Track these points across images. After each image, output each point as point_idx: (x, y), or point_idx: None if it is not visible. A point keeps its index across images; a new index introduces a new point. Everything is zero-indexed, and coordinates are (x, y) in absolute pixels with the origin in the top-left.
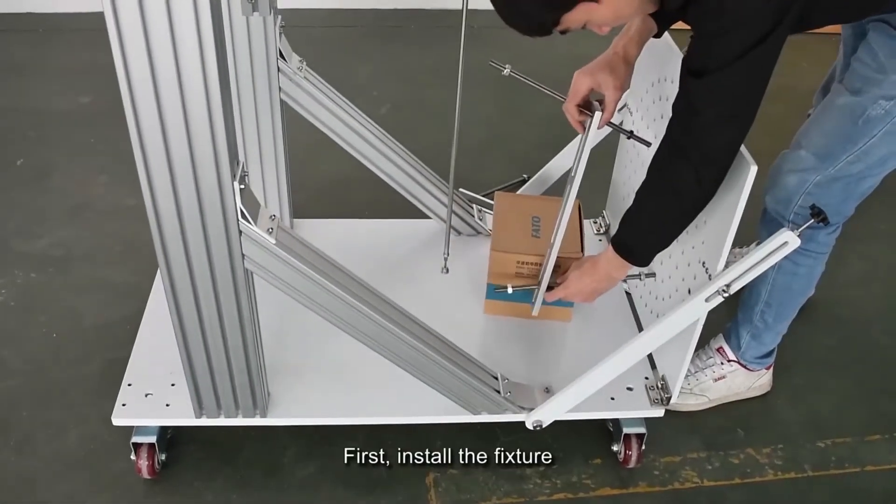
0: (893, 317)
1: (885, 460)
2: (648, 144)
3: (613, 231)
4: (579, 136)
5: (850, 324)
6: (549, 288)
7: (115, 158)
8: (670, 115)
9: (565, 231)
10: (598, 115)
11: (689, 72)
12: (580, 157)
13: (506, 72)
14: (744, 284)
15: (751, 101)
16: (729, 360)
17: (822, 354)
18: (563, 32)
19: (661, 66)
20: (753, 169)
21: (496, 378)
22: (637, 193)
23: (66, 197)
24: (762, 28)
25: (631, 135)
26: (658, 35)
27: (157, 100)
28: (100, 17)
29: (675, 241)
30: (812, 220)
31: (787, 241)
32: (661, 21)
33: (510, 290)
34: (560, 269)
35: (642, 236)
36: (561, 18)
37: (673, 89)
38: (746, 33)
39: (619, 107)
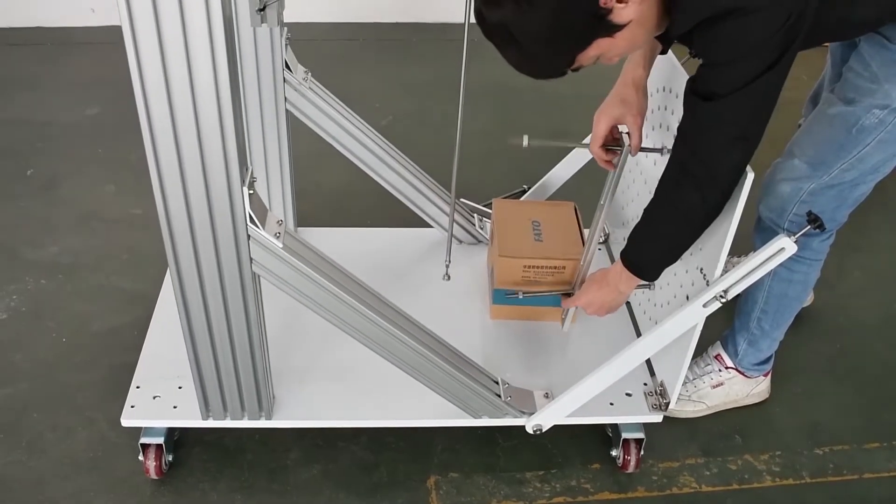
0: (892, 326)
1: (884, 468)
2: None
3: (612, 239)
4: (576, 148)
5: (849, 332)
6: (567, 295)
7: (122, 169)
8: (672, 124)
9: (565, 236)
10: (626, 148)
11: (697, 94)
12: (610, 191)
13: (525, 143)
14: (741, 290)
15: (759, 123)
16: (727, 367)
17: (821, 362)
18: (575, 70)
19: (661, 75)
20: (750, 176)
21: (497, 382)
22: (644, 212)
23: (74, 206)
24: (770, 57)
25: (663, 150)
26: (663, 52)
27: (170, 107)
28: (107, 31)
29: None
30: (809, 227)
31: (783, 247)
32: (666, 41)
33: (521, 297)
34: (563, 273)
35: (650, 254)
36: (576, 58)
37: (672, 98)
38: (755, 62)
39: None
